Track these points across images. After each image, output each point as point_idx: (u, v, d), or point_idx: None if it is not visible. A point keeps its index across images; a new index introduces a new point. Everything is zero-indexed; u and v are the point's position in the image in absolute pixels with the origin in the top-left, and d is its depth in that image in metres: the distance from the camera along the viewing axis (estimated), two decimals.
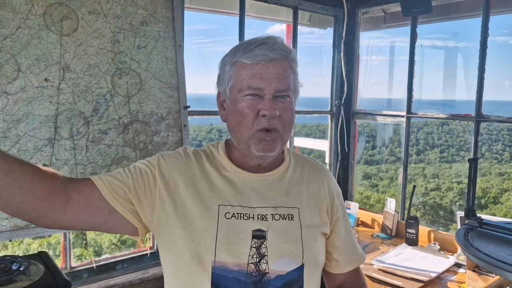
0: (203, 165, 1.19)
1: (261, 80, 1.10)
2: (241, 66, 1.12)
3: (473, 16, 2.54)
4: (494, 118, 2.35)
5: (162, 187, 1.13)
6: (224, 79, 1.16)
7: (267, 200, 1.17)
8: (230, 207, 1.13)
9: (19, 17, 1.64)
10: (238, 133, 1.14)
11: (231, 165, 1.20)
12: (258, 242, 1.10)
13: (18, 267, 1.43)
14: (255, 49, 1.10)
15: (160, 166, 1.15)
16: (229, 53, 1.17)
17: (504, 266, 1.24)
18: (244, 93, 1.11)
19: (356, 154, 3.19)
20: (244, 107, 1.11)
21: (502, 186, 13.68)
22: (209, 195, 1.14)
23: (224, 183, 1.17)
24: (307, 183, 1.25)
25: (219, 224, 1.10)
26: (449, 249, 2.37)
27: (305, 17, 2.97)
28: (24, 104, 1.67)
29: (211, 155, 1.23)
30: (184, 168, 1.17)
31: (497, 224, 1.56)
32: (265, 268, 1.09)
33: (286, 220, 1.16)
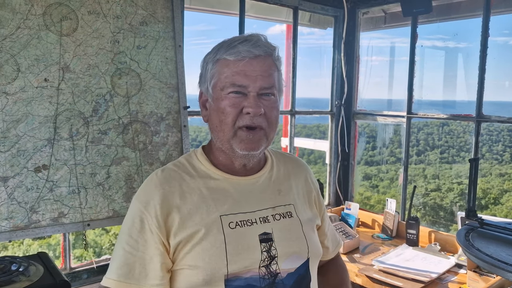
0: (188, 182, 1.12)
1: (245, 77, 1.06)
2: (224, 63, 1.09)
3: (473, 16, 2.54)
4: (494, 118, 2.34)
5: (166, 235, 1.07)
6: (206, 77, 1.12)
7: (264, 202, 1.16)
8: (232, 215, 1.10)
9: (18, 17, 1.64)
10: (220, 132, 1.10)
11: (218, 172, 1.15)
12: (267, 245, 1.10)
13: (17, 267, 1.43)
14: (239, 45, 1.07)
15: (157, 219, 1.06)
16: (211, 51, 1.14)
17: (505, 266, 1.24)
18: (227, 90, 1.07)
19: (357, 154, 3.18)
20: (227, 105, 1.07)
21: (503, 187, 13.67)
22: (207, 209, 1.09)
23: (217, 193, 1.12)
24: (293, 178, 1.27)
25: (225, 236, 1.07)
26: (450, 250, 2.36)
27: (305, 18, 2.97)
28: (24, 104, 1.66)
29: (192, 167, 1.16)
30: (170, 199, 1.08)
31: (498, 225, 1.56)
32: (276, 269, 1.10)
33: (286, 218, 1.17)
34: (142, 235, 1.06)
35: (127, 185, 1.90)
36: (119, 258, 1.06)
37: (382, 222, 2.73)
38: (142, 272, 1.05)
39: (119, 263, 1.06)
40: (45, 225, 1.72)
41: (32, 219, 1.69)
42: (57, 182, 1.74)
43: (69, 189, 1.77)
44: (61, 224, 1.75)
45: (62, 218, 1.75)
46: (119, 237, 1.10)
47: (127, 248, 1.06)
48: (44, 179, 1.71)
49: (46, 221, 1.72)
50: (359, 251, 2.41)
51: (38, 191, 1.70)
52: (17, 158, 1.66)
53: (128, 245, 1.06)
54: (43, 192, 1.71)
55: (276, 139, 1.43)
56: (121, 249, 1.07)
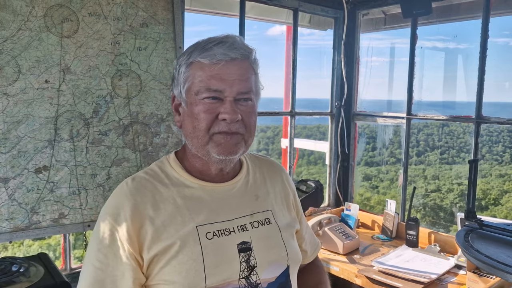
0: (161, 192, 1.05)
1: (221, 82, 1.00)
2: (198, 66, 1.02)
3: (473, 17, 2.54)
4: (494, 119, 2.35)
5: (138, 249, 1.00)
6: (180, 81, 1.06)
7: (242, 209, 1.11)
8: (209, 225, 1.04)
9: (19, 19, 1.65)
10: (195, 139, 1.04)
11: (192, 180, 1.09)
12: (246, 255, 1.05)
13: (17, 268, 1.44)
14: (214, 48, 1.01)
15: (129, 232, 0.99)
16: (184, 53, 1.07)
17: (504, 267, 1.24)
18: (202, 95, 1.01)
19: (356, 155, 3.19)
20: (201, 110, 1.01)
21: (503, 188, 13.68)
22: (182, 220, 1.03)
23: (192, 202, 1.06)
24: (269, 182, 1.22)
25: (203, 247, 1.01)
26: (450, 251, 2.37)
27: (305, 19, 2.97)
28: (25, 105, 1.67)
29: (165, 175, 1.09)
30: (142, 211, 1.01)
31: (498, 226, 1.56)
32: (256, 280, 1.05)
33: (265, 225, 1.13)
34: (112, 249, 0.99)
35: None
36: (89, 275, 0.99)
37: (382, 223, 2.73)
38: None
39: (89, 281, 0.99)
40: (46, 226, 1.72)
41: (33, 220, 1.69)
42: (57, 183, 1.75)
43: (69, 190, 1.77)
44: (61, 225, 1.75)
45: (63, 219, 1.76)
46: (87, 252, 1.03)
47: (96, 264, 0.99)
48: (44, 180, 1.72)
49: (46, 222, 1.72)
50: (359, 252, 2.42)
51: (38, 192, 1.71)
52: (17, 159, 1.66)
53: (97, 261, 0.99)
54: (43, 193, 1.72)
55: (276, 140, 1.42)
56: (90, 265, 1.00)
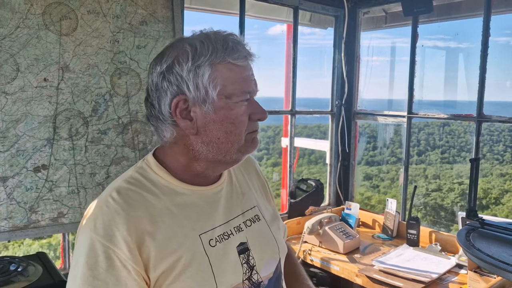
0: (153, 203, 0.97)
1: (250, 83, 0.99)
2: (227, 67, 0.96)
3: (474, 16, 2.53)
4: (495, 118, 2.34)
5: (144, 268, 0.92)
6: (199, 84, 0.95)
7: (233, 209, 1.09)
8: (210, 232, 1.00)
9: (18, 16, 1.64)
10: (226, 144, 0.98)
11: (181, 185, 1.02)
12: (246, 256, 1.04)
13: (16, 268, 1.43)
14: (237, 47, 0.96)
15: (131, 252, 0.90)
16: (200, 53, 0.95)
17: (506, 267, 1.23)
18: (237, 98, 0.96)
19: (357, 154, 3.18)
20: (239, 114, 0.97)
21: (504, 187, 13.67)
22: (183, 231, 0.97)
23: (187, 209, 1.00)
24: (247, 176, 1.21)
25: (209, 257, 0.97)
26: (451, 250, 2.35)
27: (306, 17, 2.96)
28: (23, 104, 1.66)
29: (151, 183, 1.00)
30: (139, 227, 0.92)
31: (499, 225, 1.55)
32: (258, 278, 1.05)
33: (256, 222, 1.12)
34: (112, 274, 0.88)
35: None
36: None
37: (383, 222, 2.72)
38: None
39: None
40: (45, 225, 1.71)
41: (32, 219, 1.69)
42: (56, 182, 1.74)
43: (68, 189, 1.76)
44: (60, 224, 1.75)
45: (62, 218, 1.75)
46: (74, 281, 0.90)
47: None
48: (43, 179, 1.71)
49: (45, 221, 1.71)
50: (360, 251, 2.40)
51: (37, 191, 1.70)
52: (16, 158, 1.65)
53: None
54: (42, 192, 1.71)
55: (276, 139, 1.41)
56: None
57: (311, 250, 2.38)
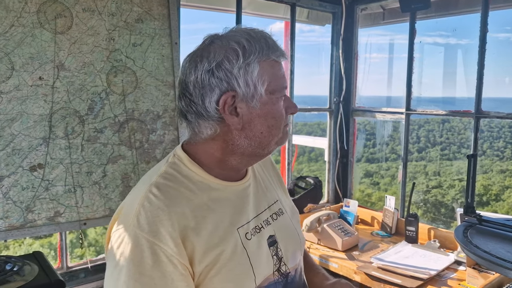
0: (191, 199, 0.99)
1: (285, 79, 1.05)
2: (269, 64, 1.00)
3: (472, 11, 2.52)
4: (493, 114, 2.33)
5: (189, 262, 0.93)
6: (248, 80, 0.97)
7: (261, 203, 1.13)
8: (245, 225, 1.04)
9: (12, 15, 1.63)
10: (267, 137, 1.02)
11: (215, 180, 1.04)
12: (275, 248, 1.09)
13: (12, 267, 1.43)
14: (276, 45, 1.02)
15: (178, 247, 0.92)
16: (249, 51, 0.98)
17: (503, 263, 1.23)
18: (278, 94, 1.01)
19: (356, 151, 3.17)
20: (280, 109, 1.02)
21: (504, 183, 13.67)
22: (222, 225, 0.99)
23: (222, 204, 1.02)
24: (265, 170, 1.24)
25: (247, 250, 1.00)
26: (449, 247, 2.35)
27: (303, 14, 2.95)
28: (18, 103, 1.65)
29: (187, 178, 1.02)
30: (182, 223, 0.94)
31: (497, 221, 1.54)
32: (285, 270, 1.09)
33: (280, 215, 1.17)
34: (158, 269, 0.89)
35: (123, 184, 1.89)
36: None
37: (381, 219, 2.71)
38: None
39: None
40: (41, 224, 1.71)
41: (28, 218, 1.68)
42: (52, 181, 1.73)
43: (65, 188, 1.76)
44: (57, 223, 1.74)
45: (58, 217, 1.74)
46: (120, 277, 0.90)
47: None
48: (39, 178, 1.70)
49: (42, 220, 1.71)
50: (358, 248, 2.40)
51: (33, 190, 1.69)
52: (12, 157, 1.65)
53: (141, 285, 0.88)
54: (38, 191, 1.70)
55: None
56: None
57: (310, 248, 2.38)
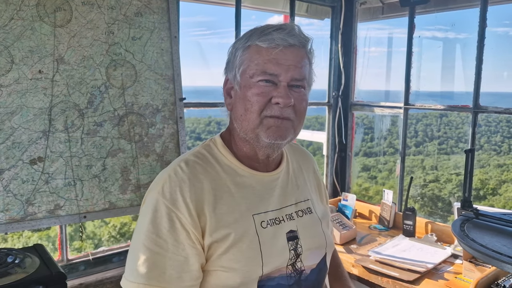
0: (215, 179, 1.05)
1: (277, 66, 1.00)
2: (256, 49, 1.02)
3: (471, 6, 2.52)
4: (491, 109, 2.34)
5: (201, 233, 1.01)
6: (235, 64, 1.06)
7: (287, 198, 1.15)
8: (263, 214, 1.07)
9: (11, 8, 1.63)
10: (245, 121, 1.04)
11: (243, 167, 1.10)
12: (294, 243, 1.10)
13: (13, 259, 1.44)
14: (273, 33, 1.01)
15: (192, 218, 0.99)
16: (242, 38, 1.07)
17: (499, 256, 1.24)
18: (257, 78, 1.01)
19: (354, 146, 3.18)
20: (255, 93, 1.01)
21: (501, 178, 13.72)
22: (239, 208, 1.04)
23: (245, 190, 1.08)
24: (305, 171, 1.26)
25: (259, 236, 1.04)
26: (446, 240, 2.37)
27: (302, 8, 2.95)
28: (18, 96, 1.66)
29: (216, 160, 1.09)
30: (201, 197, 1.01)
31: (493, 215, 1.56)
32: (300, 266, 1.10)
33: (307, 214, 1.18)
34: (172, 234, 0.97)
35: (123, 177, 1.90)
36: (146, 260, 0.97)
37: (379, 213, 2.73)
38: (173, 274, 0.97)
39: (148, 266, 0.96)
40: (41, 217, 1.72)
41: (28, 211, 1.69)
42: (52, 174, 1.74)
43: (64, 181, 1.76)
44: (57, 216, 1.75)
45: (58, 210, 1.75)
46: (138, 236, 1.00)
47: (155, 249, 0.97)
48: (39, 171, 1.71)
49: (42, 213, 1.72)
50: (356, 242, 2.42)
51: (33, 183, 1.70)
52: (12, 150, 1.65)
53: (156, 246, 0.97)
54: (38, 184, 1.71)
55: None
56: (147, 250, 0.97)
57: None
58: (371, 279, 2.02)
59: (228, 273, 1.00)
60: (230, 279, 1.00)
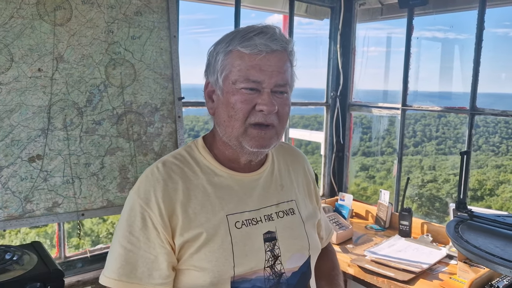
0: (191, 179, 1.07)
1: (260, 73, 1.00)
2: (238, 55, 1.01)
3: (469, 8, 2.53)
4: (488, 111, 2.35)
5: (171, 233, 1.02)
6: (216, 68, 1.05)
7: (268, 198, 1.13)
8: (238, 214, 1.06)
9: (11, 6, 1.63)
10: (229, 128, 1.04)
11: (222, 168, 1.10)
12: (271, 245, 1.08)
13: (11, 256, 1.45)
14: (255, 37, 1.00)
15: (162, 217, 1.01)
16: (222, 41, 1.06)
17: (492, 258, 1.26)
18: (240, 85, 1.00)
19: (352, 145, 3.19)
20: (239, 100, 1.01)
21: (498, 178, 13.76)
22: (212, 208, 1.05)
23: (221, 190, 1.08)
24: (292, 171, 1.24)
25: (232, 237, 1.03)
26: (442, 241, 2.39)
27: (302, 8, 2.96)
28: (17, 94, 1.66)
29: (195, 161, 1.10)
30: (174, 197, 1.03)
31: (487, 217, 1.57)
32: (280, 269, 1.08)
33: (289, 215, 1.15)
34: (144, 233, 1.01)
35: (121, 175, 1.91)
36: (120, 256, 1.01)
37: (376, 213, 2.75)
38: (145, 271, 1.00)
39: (120, 262, 1.01)
40: (40, 214, 1.73)
41: (26, 208, 1.70)
42: (51, 172, 1.75)
43: (63, 179, 1.77)
44: (55, 213, 1.76)
45: (57, 207, 1.76)
46: (117, 233, 1.05)
47: (128, 247, 1.01)
48: (38, 169, 1.72)
49: (40, 211, 1.73)
50: (352, 241, 2.44)
51: (32, 181, 1.71)
52: (11, 148, 1.66)
53: (129, 243, 1.01)
54: (37, 181, 1.72)
55: None
56: (121, 248, 1.02)
57: None
58: (366, 278, 2.04)
59: (199, 272, 1.01)
60: (201, 279, 1.01)
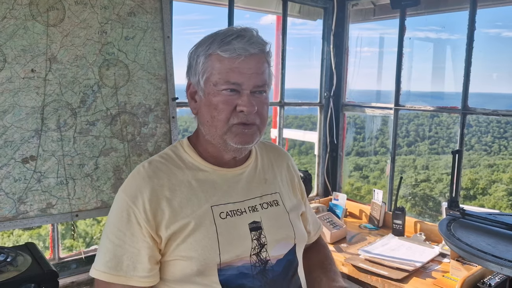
0: (176, 175, 1.14)
1: (239, 75, 1.07)
2: (218, 58, 1.08)
3: (461, 9, 2.56)
4: (480, 110, 2.38)
5: (155, 228, 1.08)
6: (198, 70, 1.12)
7: (252, 191, 1.20)
8: (222, 206, 1.13)
9: (4, 7, 1.63)
10: (212, 128, 1.11)
11: (206, 164, 1.17)
12: (257, 234, 1.14)
13: (5, 258, 1.44)
14: (233, 41, 1.06)
15: (146, 214, 1.07)
16: (202, 44, 1.12)
17: (483, 255, 1.27)
18: (220, 87, 1.08)
19: (346, 145, 3.21)
20: (220, 101, 1.08)
21: (491, 178, 13.87)
22: (197, 201, 1.11)
23: (206, 184, 1.15)
24: (276, 167, 1.31)
25: (217, 226, 1.09)
26: (435, 240, 2.41)
27: (295, 9, 2.97)
28: (11, 95, 1.66)
29: (180, 159, 1.18)
30: (159, 193, 1.09)
31: (479, 215, 1.59)
32: (265, 256, 1.14)
33: (273, 206, 1.22)
34: (129, 228, 1.07)
35: (115, 176, 1.91)
36: (108, 250, 1.08)
37: (369, 213, 2.76)
38: (130, 265, 1.07)
39: (108, 256, 1.07)
40: (33, 215, 1.72)
41: (20, 209, 1.69)
42: (45, 173, 1.74)
43: (57, 180, 1.77)
44: (49, 214, 1.76)
45: (50, 208, 1.76)
46: (106, 229, 1.12)
47: (115, 241, 1.08)
48: (31, 170, 1.72)
49: (34, 212, 1.72)
50: (346, 241, 2.45)
51: (25, 182, 1.70)
52: (4, 149, 1.65)
53: (116, 238, 1.08)
54: (31, 183, 1.71)
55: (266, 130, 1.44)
56: (109, 242, 1.09)
57: None
58: (360, 277, 2.05)
59: (186, 261, 1.07)
60: (188, 267, 1.06)
